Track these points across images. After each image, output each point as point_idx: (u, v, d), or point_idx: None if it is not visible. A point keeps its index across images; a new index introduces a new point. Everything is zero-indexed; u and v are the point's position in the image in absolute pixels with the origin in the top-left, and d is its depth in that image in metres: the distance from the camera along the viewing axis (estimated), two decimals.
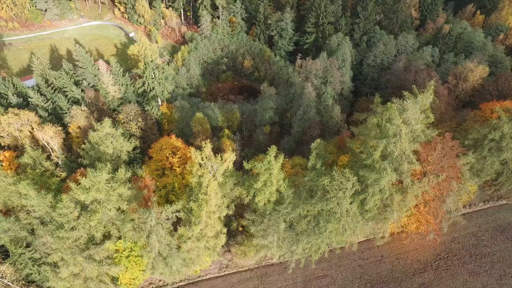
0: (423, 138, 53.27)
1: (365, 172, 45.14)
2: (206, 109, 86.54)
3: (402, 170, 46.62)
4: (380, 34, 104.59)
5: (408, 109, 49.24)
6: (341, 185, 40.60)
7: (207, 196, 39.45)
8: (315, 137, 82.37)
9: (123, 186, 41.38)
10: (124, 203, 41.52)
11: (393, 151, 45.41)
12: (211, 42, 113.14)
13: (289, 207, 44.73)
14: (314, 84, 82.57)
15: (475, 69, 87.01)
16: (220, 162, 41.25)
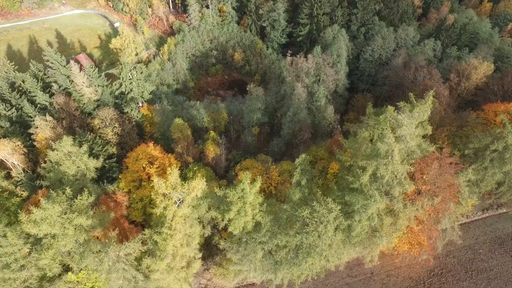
0: (418, 154, 48.49)
1: (352, 197, 40.69)
2: (191, 109, 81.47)
3: (394, 194, 42.12)
4: (379, 26, 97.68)
5: (402, 124, 44.20)
6: (323, 218, 36.28)
7: (171, 231, 35.28)
8: (305, 140, 77.91)
9: (82, 215, 37.21)
10: (83, 235, 37.51)
11: (384, 175, 40.78)
12: (200, 34, 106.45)
13: (267, 235, 40.63)
14: (306, 83, 76.96)
15: (479, 66, 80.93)
16: (188, 191, 36.80)
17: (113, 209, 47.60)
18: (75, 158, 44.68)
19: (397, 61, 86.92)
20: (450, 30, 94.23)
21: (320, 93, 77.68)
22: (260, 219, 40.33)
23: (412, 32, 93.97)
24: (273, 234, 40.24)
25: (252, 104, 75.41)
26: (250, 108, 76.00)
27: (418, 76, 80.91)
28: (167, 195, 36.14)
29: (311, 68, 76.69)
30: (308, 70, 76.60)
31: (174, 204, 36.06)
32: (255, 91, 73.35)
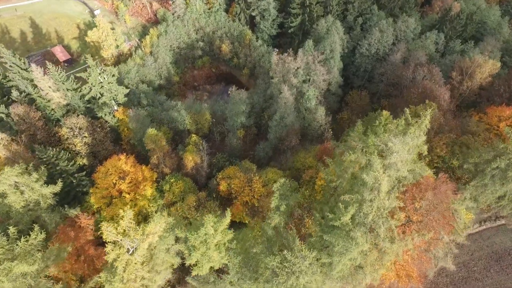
0: (410, 180, 43.52)
1: (332, 237, 36.15)
2: (172, 111, 75.84)
3: (379, 232, 37.53)
4: (377, 16, 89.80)
5: (393, 151, 38.93)
6: (295, 267, 31.88)
7: (124, 284, 31.04)
8: (293, 146, 72.69)
9: (26, 261, 32.95)
10: (29, 281, 33.43)
11: (368, 213, 36.00)
12: (185, 23, 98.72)
13: (236, 277, 36.45)
14: (294, 84, 70.81)
15: (484, 64, 74.29)
16: (142, 238, 32.23)
17: (73, 239, 43.30)
18: (25, 188, 39.99)
19: (396, 57, 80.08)
20: (455, 21, 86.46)
21: (310, 94, 71.66)
22: (227, 261, 36.13)
23: (413, 24, 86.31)
24: (242, 276, 36.06)
25: (234, 108, 69.70)
26: (234, 111, 70.32)
27: (418, 76, 74.45)
28: (118, 242, 31.66)
29: (300, 68, 70.25)
30: (296, 70, 70.23)
31: (126, 253, 31.66)
32: (237, 95, 67.38)
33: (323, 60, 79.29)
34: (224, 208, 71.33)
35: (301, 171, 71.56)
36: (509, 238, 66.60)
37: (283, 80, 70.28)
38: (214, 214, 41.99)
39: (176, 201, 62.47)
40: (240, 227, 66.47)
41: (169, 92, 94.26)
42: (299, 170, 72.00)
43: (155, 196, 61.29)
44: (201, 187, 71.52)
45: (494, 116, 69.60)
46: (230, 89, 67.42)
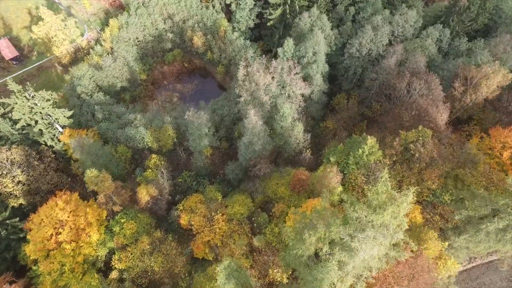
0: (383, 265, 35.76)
1: None
2: (129, 129, 66.48)
3: None
4: (372, 6, 76.02)
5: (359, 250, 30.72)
6: None
7: None
8: (265, 173, 64.09)
9: None
10: None
11: None
12: (150, 11, 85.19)
13: None
14: (265, 101, 60.47)
15: (493, 76, 62.86)
16: None
17: None
18: None
19: (390, 61, 68.24)
20: (464, 14, 72.93)
21: (285, 112, 61.55)
22: None
23: (413, 17, 72.99)
24: None
25: (195, 132, 60.11)
26: (195, 136, 60.87)
27: (412, 90, 63.46)
28: None
29: (272, 84, 59.46)
30: (268, 86, 59.51)
31: None
32: (196, 119, 57.48)
33: (304, 65, 67.94)
34: (185, 242, 65.09)
35: (274, 200, 64.05)
36: (499, 278, 60.44)
37: (252, 98, 59.82)
38: None
39: (128, 243, 55.70)
40: (203, 264, 60.43)
41: (134, 95, 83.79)
42: (271, 198, 64.37)
43: (104, 239, 54.39)
44: (161, 219, 64.52)
45: (498, 141, 60.06)
46: (187, 113, 57.41)
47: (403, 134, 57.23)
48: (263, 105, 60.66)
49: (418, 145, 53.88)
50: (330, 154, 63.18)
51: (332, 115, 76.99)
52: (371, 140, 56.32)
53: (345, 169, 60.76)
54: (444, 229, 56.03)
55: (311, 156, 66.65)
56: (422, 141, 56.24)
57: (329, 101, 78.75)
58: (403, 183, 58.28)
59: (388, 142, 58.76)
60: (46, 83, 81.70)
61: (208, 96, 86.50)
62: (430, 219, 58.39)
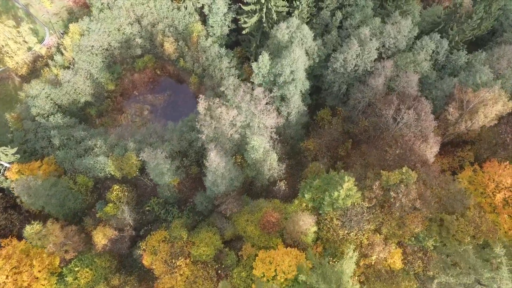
0: None
1: None
2: (87, 159, 60.76)
3: None
4: (361, 11, 66.91)
5: None
6: None
7: None
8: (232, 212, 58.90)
9: None
10: None
11: None
12: (115, 14, 76.36)
13: None
14: (231, 135, 54.09)
15: (492, 104, 55.57)
16: None
17: None
18: None
19: (377, 81, 60.64)
20: (465, 24, 63.93)
21: (254, 145, 55.31)
22: None
23: (407, 26, 64.21)
24: None
25: (155, 169, 54.31)
26: (156, 172, 55.15)
27: (400, 119, 56.38)
28: None
29: (238, 118, 52.69)
30: (234, 119, 52.79)
31: None
32: (152, 159, 51.53)
33: (281, 85, 60.69)
34: (151, 280, 61.23)
35: (244, 237, 59.37)
36: None
37: (215, 135, 53.30)
38: None
39: None
40: None
41: (101, 109, 77.11)
42: (240, 236, 59.69)
43: None
44: (124, 255, 60.48)
45: (492, 179, 53.96)
46: (142, 154, 51.33)
47: (384, 175, 51.26)
48: (230, 139, 54.29)
49: (399, 193, 48.04)
50: (305, 190, 57.65)
51: (315, 132, 70.49)
52: (347, 184, 50.44)
53: (320, 208, 55.51)
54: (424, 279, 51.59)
55: (285, 188, 61.06)
56: (406, 182, 50.39)
57: (312, 116, 71.95)
58: (383, 226, 53.14)
59: (368, 182, 52.84)
60: (3, 96, 75.10)
61: (181, 109, 79.87)
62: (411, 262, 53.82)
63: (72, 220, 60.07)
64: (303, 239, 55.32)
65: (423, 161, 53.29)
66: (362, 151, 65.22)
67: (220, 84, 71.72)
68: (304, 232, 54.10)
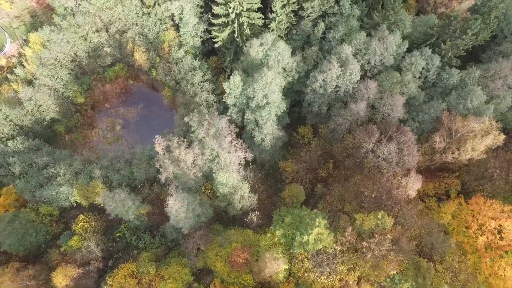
0: None
1: None
2: (48, 189, 57.47)
3: None
4: (346, 22, 60.52)
5: None
6: None
7: None
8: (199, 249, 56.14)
9: None
10: None
11: None
12: (80, 22, 70.08)
13: None
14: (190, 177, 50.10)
15: (481, 137, 50.82)
16: None
17: None
18: None
19: (359, 106, 55.57)
20: (459, 40, 57.55)
21: (221, 181, 51.53)
22: None
23: (396, 41, 58.10)
24: None
25: (117, 208, 51.00)
26: (117, 210, 51.85)
27: (380, 152, 51.84)
28: None
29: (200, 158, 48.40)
30: (195, 160, 48.55)
31: None
32: (111, 201, 48.07)
33: (253, 110, 55.97)
34: None
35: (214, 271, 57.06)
36: None
37: (175, 175, 49.29)
38: None
39: None
40: None
41: (70, 125, 72.78)
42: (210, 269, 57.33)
43: None
44: None
45: (476, 218, 50.37)
46: (98, 198, 47.72)
47: (359, 219, 47.68)
48: (193, 177, 50.41)
49: (371, 243, 44.70)
50: (277, 225, 54.42)
51: (295, 150, 66.20)
52: (317, 229, 47.05)
53: (292, 246, 52.60)
54: None
55: (257, 220, 57.82)
56: (381, 227, 46.99)
57: (293, 129, 67.29)
58: (357, 268, 50.34)
59: (342, 224, 49.39)
60: None
61: (155, 123, 75.49)
62: None
63: (36, 252, 57.77)
64: (274, 278, 53.01)
65: (402, 202, 49.38)
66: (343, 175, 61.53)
67: (192, 101, 67.20)
68: (275, 272, 51.66)
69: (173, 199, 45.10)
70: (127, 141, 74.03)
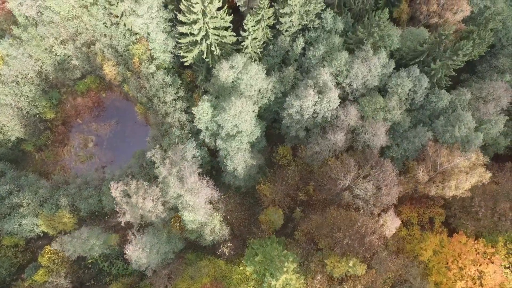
0: None
1: None
2: (10, 223, 55.10)
3: None
4: (327, 40, 55.31)
5: None
6: None
7: None
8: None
9: None
10: None
11: None
12: (42, 33, 65.15)
13: None
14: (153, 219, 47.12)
15: (466, 175, 47.03)
16: None
17: None
18: None
19: (337, 137, 51.52)
20: (450, 61, 52.34)
21: (186, 220, 48.70)
22: None
23: (381, 62, 53.09)
24: None
25: (84, 245, 48.56)
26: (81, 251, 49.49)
27: (357, 190, 48.26)
28: None
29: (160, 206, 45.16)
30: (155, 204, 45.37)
31: None
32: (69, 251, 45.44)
33: (224, 139, 52.21)
34: None
35: None
36: None
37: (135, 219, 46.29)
38: None
39: None
40: None
41: (39, 143, 69.45)
42: None
43: None
44: None
45: (456, 260, 47.54)
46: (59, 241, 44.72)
47: (329, 265, 44.97)
48: (156, 218, 47.48)
49: None
50: (249, 260, 52.04)
51: (274, 171, 62.81)
52: (285, 275, 44.47)
53: (262, 286, 50.46)
54: None
55: (228, 253, 55.36)
56: (353, 274, 44.36)
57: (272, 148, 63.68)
58: None
59: (313, 267, 46.77)
60: None
61: (129, 140, 71.82)
62: None
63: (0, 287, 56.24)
64: None
65: (378, 244, 46.38)
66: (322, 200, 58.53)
67: (164, 122, 63.32)
68: None
69: (133, 246, 42.42)
70: (100, 159, 70.82)
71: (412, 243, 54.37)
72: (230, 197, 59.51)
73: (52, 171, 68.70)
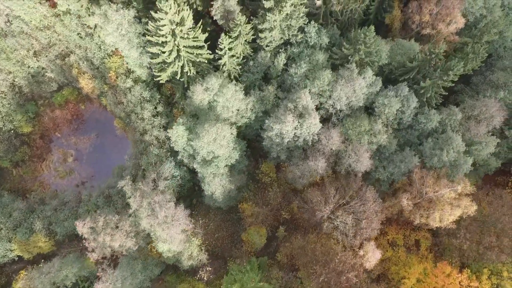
0: None
1: None
2: None
3: None
4: (310, 57, 51.95)
5: None
6: None
7: None
8: None
9: None
10: None
11: None
12: (12, 45, 61.94)
13: None
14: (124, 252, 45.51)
15: (451, 207, 44.78)
16: None
17: None
18: None
19: (318, 164, 49.04)
20: (440, 81, 49.00)
21: (164, 250, 47.10)
22: None
23: (367, 80, 49.89)
24: None
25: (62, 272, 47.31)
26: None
27: (336, 222, 46.21)
28: None
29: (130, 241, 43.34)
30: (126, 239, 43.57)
31: None
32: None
33: (200, 164, 49.93)
34: None
35: None
36: None
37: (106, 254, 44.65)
38: None
39: None
40: None
41: (15, 159, 67.47)
42: None
43: None
44: None
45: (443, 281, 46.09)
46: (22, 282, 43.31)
47: None
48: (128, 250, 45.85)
49: None
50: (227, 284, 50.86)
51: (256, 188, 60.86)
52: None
53: None
54: None
55: (207, 278, 54.10)
56: None
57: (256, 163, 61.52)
58: None
59: None
60: None
61: (109, 154, 69.79)
62: None
63: None
64: None
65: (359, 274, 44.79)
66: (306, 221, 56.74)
67: (142, 139, 60.85)
68: None
69: (102, 284, 41.03)
70: (80, 175, 69.02)
71: (398, 265, 52.99)
72: (210, 219, 57.85)
73: (30, 187, 67.10)
